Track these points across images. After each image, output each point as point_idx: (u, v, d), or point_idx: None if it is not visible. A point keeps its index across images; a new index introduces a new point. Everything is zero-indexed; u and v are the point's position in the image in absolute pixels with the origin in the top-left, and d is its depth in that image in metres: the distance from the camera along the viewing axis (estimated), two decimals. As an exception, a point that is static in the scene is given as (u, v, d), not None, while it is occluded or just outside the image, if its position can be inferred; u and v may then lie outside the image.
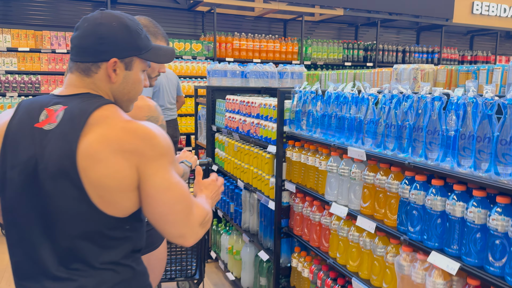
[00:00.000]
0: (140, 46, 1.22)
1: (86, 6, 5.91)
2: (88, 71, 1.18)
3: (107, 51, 1.16)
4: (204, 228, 1.22)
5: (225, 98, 3.48)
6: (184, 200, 1.15)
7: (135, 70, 1.22)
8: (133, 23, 1.22)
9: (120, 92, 1.22)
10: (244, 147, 3.07)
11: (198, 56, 6.09)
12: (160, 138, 1.13)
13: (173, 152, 1.18)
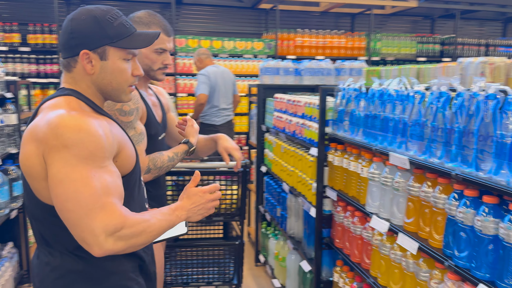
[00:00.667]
0: (111, 34, 1.19)
1: (154, 7, 6.06)
2: (68, 67, 1.22)
3: (78, 44, 1.18)
4: (122, 241, 1.06)
5: (273, 97, 3.32)
6: (78, 200, 1.03)
7: (111, 59, 1.21)
8: (103, 13, 1.20)
9: (101, 83, 1.22)
10: (289, 149, 2.89)
11: (259, 54, 5.98)
12: (68, 129, 1.06)
13: (88, 148, 1.07)
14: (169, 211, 1.21)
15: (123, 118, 1.63)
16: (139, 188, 1.35)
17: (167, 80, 5.72)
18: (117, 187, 1.11)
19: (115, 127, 1.23)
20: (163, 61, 1.78)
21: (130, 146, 1.27)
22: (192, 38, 5.75)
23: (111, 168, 1.12)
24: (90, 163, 1.06)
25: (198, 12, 6.20)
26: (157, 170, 1.76)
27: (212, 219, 2.46)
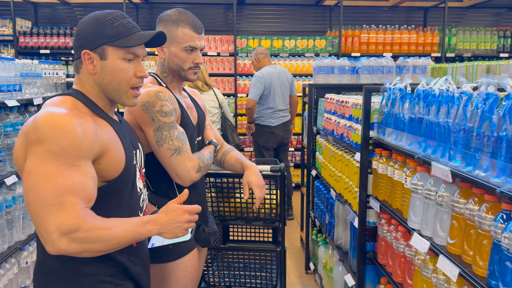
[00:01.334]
0: (109, 34, 1.21)
1: (217, 8, 6.12)
2: (77, 68, 1.26)
3: (81, 45, 1.22)
4: (77, 243, 1.03)
5: (324, 97, 3.14)
6: (38, 194, 1.03)
7: (110, 59, 1.22)
8: (105, 15, 1.23)
9: (102, 82, 1.23)
10: (337, 153, 2.71)
11: (321, 53, 5.78)
12: (45, 124, 1.07)
13: (61, 144, 1.06)
14: (140, 223, 1.16)
15: (164, 119, 1.59)
16: (130, 195, 1.30)
17: (227, 81, 5.74)
18: (86, 188, 1.08)
19: (107, 130, 1.21)
20: (194, 60, 1.70)
21: (120, 152, 1.23)
22: (252, 38, 5.71)
23: (85, 168, 1.10)
24: (61, 159, 1.05)
25: (260, 12, 6.15)
26: (205, 168, 1.73)
27: (251, 223, 2.38)
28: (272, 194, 2.29)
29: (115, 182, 1.22)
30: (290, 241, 4.23)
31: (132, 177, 1.30)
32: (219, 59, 5.71)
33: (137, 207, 1.34)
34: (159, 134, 1.60)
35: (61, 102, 1.17)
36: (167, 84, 1.74)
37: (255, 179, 1.82)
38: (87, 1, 5.90)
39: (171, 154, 1.62)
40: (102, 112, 1.25)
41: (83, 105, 1.21)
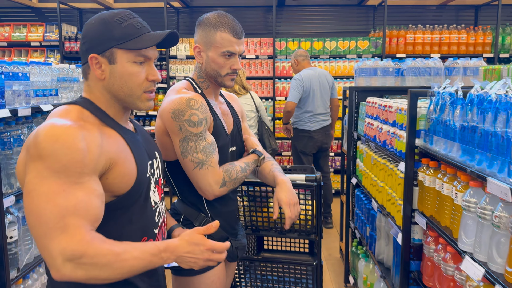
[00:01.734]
0: (117, 36, 1.12)
1: (257, 11, 6.04)
2: (85, 74, 1.18)
3: (88, 49, 1.14)
4: (82, 270, 0.94)
5: (366, 101, 2.96)
6: (39, 216, 0.95)
7: (120, 63, 1.13)
8: (113, 15, 1.15)
9: (112, 88, 1.15)
10: (379, 161, 2.53)
11: (364, 54, 5.56)
12: (46, 138, 0.98)
13: (62, 161, 0.98)
14: (155, 251, 1.05)
15: (192, 129, 1.51)
16: (143, 210, 1.20)
17: (265, 84, 5.64)
18: (91, 208, 1.00)
19: (115, 141, 1.12)
20: (231, 66, 1.61)
21: (130, 164, 1.14)
22: (292, 40, 5.58)
23: (90, 185, 1.01)
24: (63, 177, 0.97)
25: (300, 13, 6.01)
26: (231, 183, 1.62)
27: (285, 235, 2.26)
28: (308, 204, 2.16)
29: (125, 197, 1.13)
30: (329, 251, 4.05)
31: (145, 191, 1.20)
32: (257, 62, 5.62)
33: (150, 223, 1.25)
34: (184, 145, 1.53)
35: (66, 113, 1.09)
36: (202, 89, 1.67)
37: (286, 196, 1.68)
38: (129, 6, 6.00)
39: (194, 166, 1.54)
40: (111, 121, 1.17)
41: (90, 115, 1.13)
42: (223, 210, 1.73)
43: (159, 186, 1.32)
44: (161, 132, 1.59)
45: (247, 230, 2.20)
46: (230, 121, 1.78)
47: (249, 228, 2.20)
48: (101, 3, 5.75)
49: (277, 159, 5.75)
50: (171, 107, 1.52)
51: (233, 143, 1.78)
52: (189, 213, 1.67)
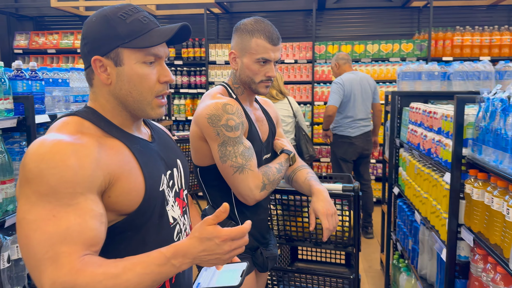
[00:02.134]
0: (122, 34, 0.99)
1: (297, 15, 5.96)
2: (89, 80, 1.06)
3: (90, 50, 1.02)
4: None
5: (409, 106, 2.82)
6: (28, 248, 0.85)
7: (127, 64, 1.00)
8: (115, 10, 1.01)
9: (119, 94, 1.03)
10: (424, 170, 2.38)
11: (408, 57, 5.35)
12: (32, 158, 0.88)
13: (49, 182, 0.86)
14: (162, 260, 0.89)
15: (230, 134, 1.50)
16: (158, 228, 1.06)
17: (304, 89, 5.55)
18: (87, 230, 0.87)
19: (119, 154, 0.99)
20: (266, 73, 1.58)
21: (136, 179, 1.00)
22: (332, 44, 5.46)
23: (85, 206, 0.89)
24: (52, 201, 0.86)
25: (340, 16, 5.88)
26: (270, 185, 1.59)
27: (321, 246, 2.16)
28: (345, 215, 2.06)
29: (134, 216, 0.99)
30: (369, 262, 3.89)
31: (159, 207, 1.06)
32: (296, 66, 5.54)
33: (169, 243, 1.05)
34: (223, 150, 1.50)
35: (63, 125, 0.97)
36: (237, 95, 1.65)
37: (323, 206, 1.61)
38: (171, 13, 6.10)
39: (234, 171, 1.51)
40: (117, 131, 1.04)
41: (91, 125, 1.00)
42: (253, 218, 1.67)
43: (180, 198, 1.18)
44: (197, 137, 1.57)
45: (280, 239, 2.13)
46: (265, 128, 1.75)
47: (283, 238, 2.13)
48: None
49: (316, 165, 5.63)
50: (207, 112, 1.51)
51: (268, 150, 1.74)
52: None
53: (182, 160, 1.23)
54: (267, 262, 1.71)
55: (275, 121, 1.85)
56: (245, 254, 1.67)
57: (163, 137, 1.21)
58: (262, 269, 1.72)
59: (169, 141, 1.22)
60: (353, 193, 1.96)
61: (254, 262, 1.70)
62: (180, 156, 1.23)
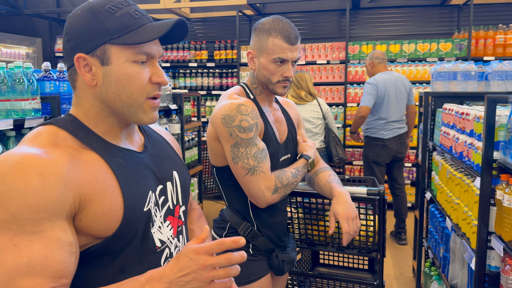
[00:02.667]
0: (110, 28, 0.87)
1: (331, 15, 5.87)
2: (72, 81, 0.94)
3: (73, 47, 0.89)
4: None
5: (442, 107, 2.69)
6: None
7: (115, 63, 0.88)
8: (103, 2, 0.89)
9: (106, 97, 0.90)
10: (455, 175, 2.26)
11: (447, 57, 5.14)
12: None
13: (9, 207, 0.75)
14: (136, 286, 0.79)
15: (242, 135, 1.48)
16: (140, 254, 0.92)
17: (336, 90, 5.45)
18: (53, 263, 0.77)
19: (94, 170, 0.86)
20: (283, 73, 1.55)
21: (113, 199, 0.87)
22: (366, 43, 5.33)
23: (51, 234, 0.77)
24: (13, 228, 0.75)
25: (375, 16, 5.73)
26: (283, 189, 1.56)
27: (343, 251, 2.10)
28: (369, 220, 1.99)
29: (111, 240, 0.87)
30: (401, 269, 3.76)
31: (142, 230, 0.91)
32: (328, 67, 5.45)
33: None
34: (235, 151, 1.49)
35: (35, 136, 0.86)
36: (256, 95, 1.63)
37: (343, 209, 1.55)
38: (205, 16, 6.17)
39: (246, 173, 1.50)
40: (98, 142, 0.91)
41: (68, 136, 0.88)
42: (270, 220, 1.66)
43: (175, 216, 1.03)
44: (212, 137, 1.57)
45: (301, 244, 2.08)
46: (283, 129, 1.71)
47: (303, 242, 2.08)
48: (178, 14, 5.98)
49: (348, 168, 5.51)
50: (221, 113, 1.50)
51: (287, 151, 1.71)
52: (235, 221, 1.63)
53: (181, 171, 1.09)
54: (283, 265, 1.68)
55: (296, 122, 1.82)
56: (260, 256, 1.65)
57: (159, 145, 1.08)
58: (278, 272, 1.68)
59: (166, 150, 1.09)
60: (379, 196, 1.89)
61: (269, 265, 1.67)
62: (178, 166, 1.09)
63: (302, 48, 5.49)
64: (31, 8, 6.64)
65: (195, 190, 3.83)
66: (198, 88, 5.97)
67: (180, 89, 5.97)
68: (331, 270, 2.39)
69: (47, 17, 6.65)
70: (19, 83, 1.85)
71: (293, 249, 1.80)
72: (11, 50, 6.29)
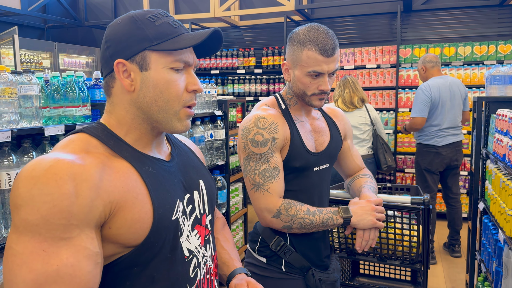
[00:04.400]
0: (150, 35, 0.90)
1: (382, 18, 5.74)
2: (107, 89, 0.96)
3: (112, 54, 0.92)
4: None
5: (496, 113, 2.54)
6: (11, 284, 0.73)
7: (154, 69, 0.91)
8: (143, 12, 0.93)
9: (142, 102, 0.92)
10: (509, 185, 2.13)
11: (506, 59, 4.85)
12: (24, 182, 0.76)
13: (40, 211, 0.75)
14: None
15: (254, 149, 1.47)
16: (170, 265, 0.93)
17: (387, 95, 5.30)
18: (79, 273, 0.77)
19: (125, 178, 0.87)
20: (319, 86, 1.48)
21: (142, 208, 0.87)
22: (418, 47, 5.15)
23: (79, 242, 0.78)
24: (43, 232, 0.75)
25: (429, 18, 5.52)
26: (288, 218, 1.48)
27: (385, 262, 2.03)
28: (413, 230, 1.91)
29: (140, 249, 0.87)
30: (453, 283, 3.57)
31: (171, 239, 0.92)
32: (378, 71, 5.32)
33: (182, 280, 0.96)
34: (246, 164, 1.50)
35: (67, 144, 0.87)
36: (290, 105, 1.59)
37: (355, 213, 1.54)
38: (254, 23, 6.25)
39: (251, 188, 1.50)
40: (128, 151, 0.92)
41: (99, 144, 0.89)
42: (305, 236, 1.58)
43: (202, 225, 1.05)
44: (238, 146, 1.59)
45: (341, 253, 2.04)
46: (323, 139, 1.64)
47: (343, 251, 2.04)
48: (228, 22, 6.10)
49: (399, 176, 5.33)
50: (243, 124, 1.52)
51: (324, 160, 1.63)
52: (267, 235, 1.58)
53: (207, 180, 1.11)
54: (320, 285, 1.59)
55: (343, 133, 1.75)
56: (295, 275, 1.59)
57: (186, 155, 1.10)
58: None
59: (192, 160, 1.11)
60: (423, 206, 1.82)
61: (306, 284, 1.60)
62: (205, 176, 1.11)
63: (351, 52, 5.41)
64: (91, 20, 7.06)
65: (239, 194, 3.86)
66: (246, 94, 6.05)
67: (229, 95, 6.08)
68: (371, 280, 2.32)
69: (105, 27, 7.04)
70: (71, 91, 1.97)
71: (336, 271, 1.72)
72: (73, 59, 6.71)
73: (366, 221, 1.52)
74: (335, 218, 1.52)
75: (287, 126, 1.53)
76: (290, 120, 1.56)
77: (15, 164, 1.65)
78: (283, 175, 1.52)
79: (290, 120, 1.56)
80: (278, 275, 1.57)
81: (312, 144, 1.60)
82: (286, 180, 1.55)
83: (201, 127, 3.17)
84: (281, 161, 1.51)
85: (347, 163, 1.81)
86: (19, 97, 1.77)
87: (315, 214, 1.50)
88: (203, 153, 3.19)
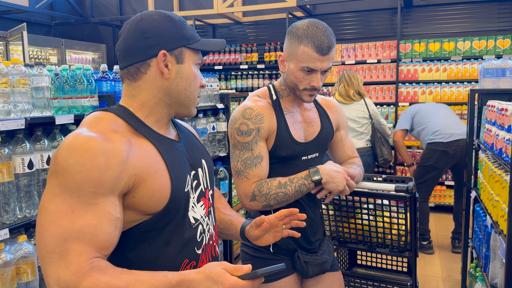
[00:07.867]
0: (187, 35, 1.09)
1: (383, 13, 5.82)
2: (137, 73, 1.06)
3: (153, 44, 1.05)
4: None
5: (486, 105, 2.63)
6: (41, 237, 0.88)
7: (187, 63, 1.09)
8: (174, 14, 1.11)
9: (174, 90, 1.08)
10: (495, 172, 2.23)
11: (505, 54, 4.92)
12: (63, 152, 0.90)
13: (74, 178, 0.89)
14: (166, 285, 0.90)
15: (239, 138, 1.55)
16: (181, 229, 1.08)
17: (387, 89, 5.39)
18: (99, 233, 0.90)
19: (147, 154, 1.01)
20: (310, 82, 1.53)
21: (162, 180, 1.01)
22: (418, 42, 5.23)
23: (103, 208, 0.91)
24: (75, 196, 0.89)
25: (429, 13, 5.59)
26: (263, 197, 1.54)
27: (375, 250, 2.09)
28: (401, 218, 1.97)
29: (159, 216, 1.01)
30: (449, 271, 3.67)
31: (183, 208, 1.07)
32: (379, 66, 5.41)
33: (192, 244, 1.11)
34: (232, 151, 1.60)
35: (96, 121, 1.00)
36: (282, 96, 1.64)
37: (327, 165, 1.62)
38: (256, 19, 6.35)
39: (234, 174, 1.60)
40: (147, 130, 1.05)
41: (123, 123, 1.02)
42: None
43: (206, 198, 1.19)
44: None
45: (333, 241, 2.09)
46: (313, 129, 1.68)
47: (334, 240, 2.11)
48: (231, 18, 6.21)
49: (399, 169, 5.42)
50: (232, 114, 1.60)
51: (313, 150, 1.67)
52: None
53: (207, 159, 1.25)
54: (307, 267, 1.64)
55: (335, 124, 1.79)
56: (282, 256, 1.66)
57: (189, 137, 1.24)
58: (303, 275, 1.66)
59: (194, 141, 1.25)
60: (408, 194, 1.86)
61: (293, 266, 1.66)
62: (205, 155, 1.25)
63: (352, 47, 5.50)
64: (97, 17, 7.19)
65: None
66: (249, 89, 6.15)
67: (232, 90, 6.18)
68: (368, 271, 2.41)
69: (111, 24, 7.16)
70: (80, 83, 2.09)
71: (326, 252, 1.74)
72: (79, 55, 6.85)
73: (335, 184, 1.56)
74: (306, 183, 1.57)
75: (274, 117, 1.58)
76: (279, 111, 1.60)
77: (28, 151, 1.77)
78: (266, 163, 1.57)
79: (279, 111, 1.60)
80: (267, 256, 1.65)
81: (301, 134, 1.63)
82: (274, 168, 1.61)
83: (204, 120, 3.28)
84: (266, 150, 1.57)
85: (338, 153, 1.85)
86: (32, 88, 1.89)
87: (287, 186, 1.55)
88: (205, 145, 3.31)
